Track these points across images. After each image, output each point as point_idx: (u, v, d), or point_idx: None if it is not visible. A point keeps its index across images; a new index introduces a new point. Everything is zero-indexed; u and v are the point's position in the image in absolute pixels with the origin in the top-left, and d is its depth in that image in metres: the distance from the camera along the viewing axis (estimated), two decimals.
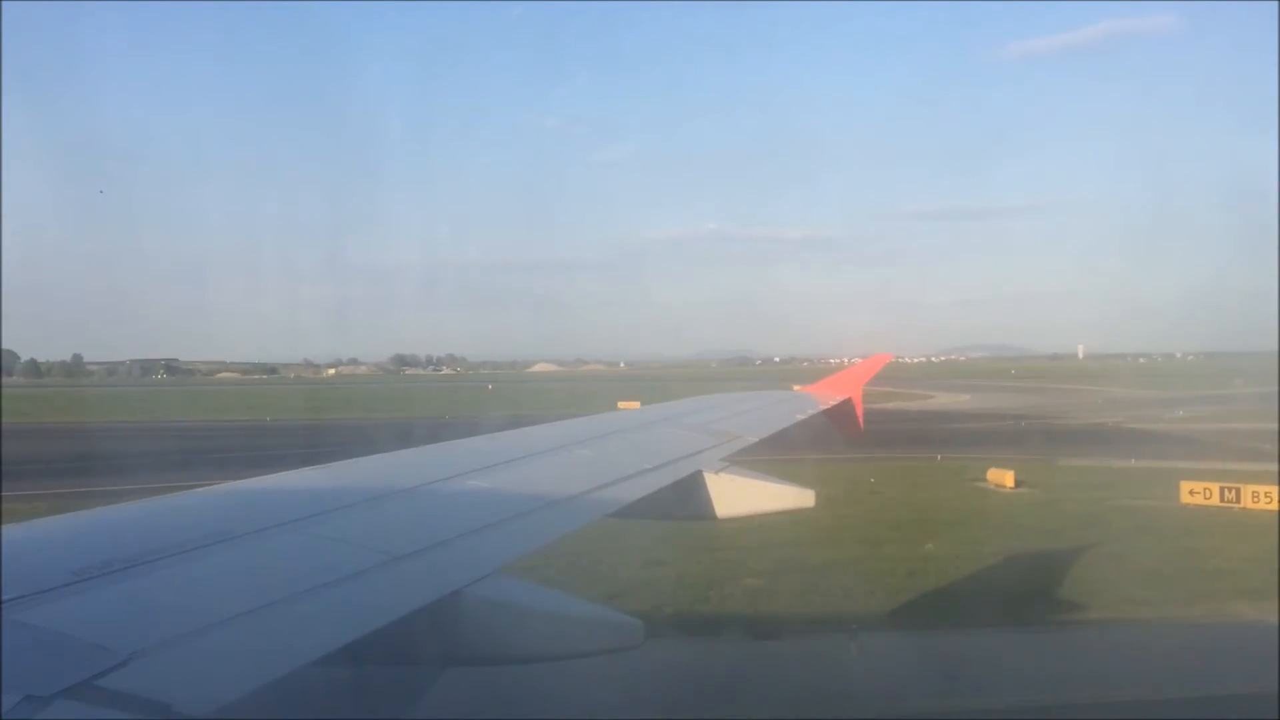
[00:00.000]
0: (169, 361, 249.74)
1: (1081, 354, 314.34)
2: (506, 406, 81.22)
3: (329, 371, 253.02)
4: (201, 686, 2.86)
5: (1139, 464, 41.46)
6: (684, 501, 6.76)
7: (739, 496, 6.90)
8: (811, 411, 12.08)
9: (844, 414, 13.30)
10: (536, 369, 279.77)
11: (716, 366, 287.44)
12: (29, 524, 4.18)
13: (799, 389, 14.51)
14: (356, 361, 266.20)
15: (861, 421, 13.78)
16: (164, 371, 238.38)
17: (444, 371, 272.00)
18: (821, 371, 17.92)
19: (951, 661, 16.60)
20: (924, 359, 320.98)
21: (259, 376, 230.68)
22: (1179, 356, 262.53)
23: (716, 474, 6.97)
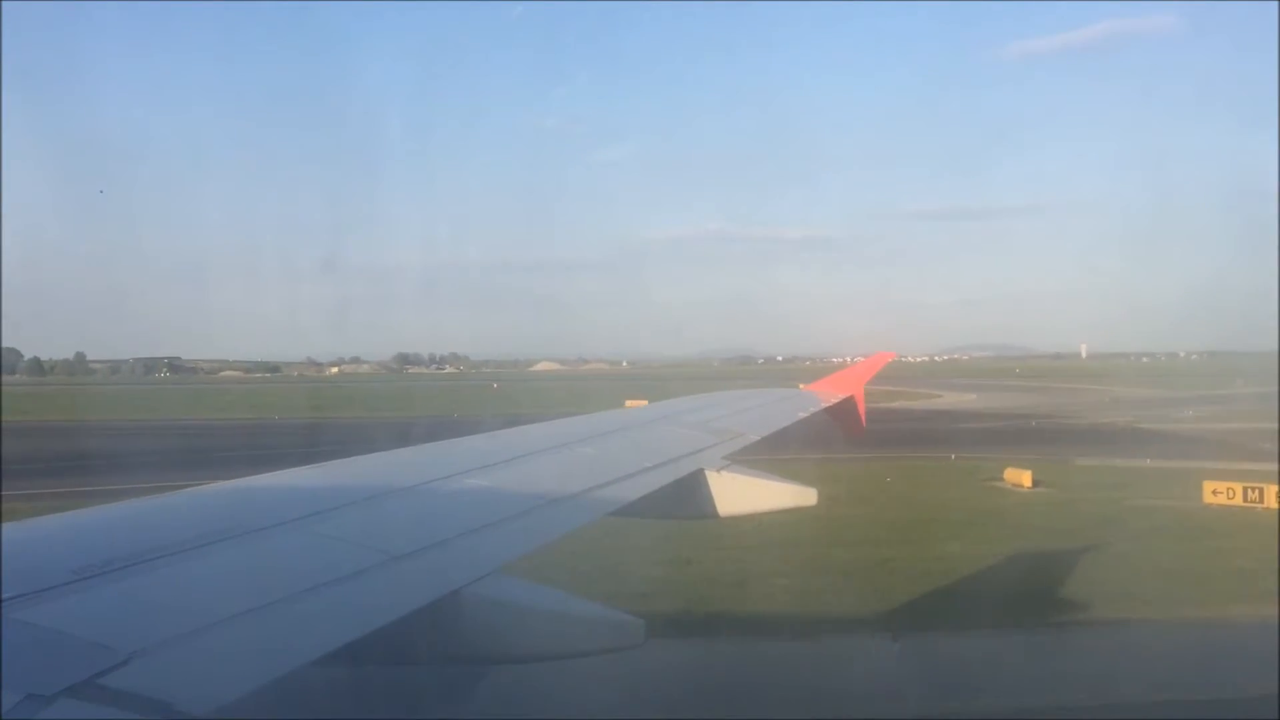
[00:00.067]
0: (172, 360, 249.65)
1: (1084, 353, 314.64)
2: (513, 405, 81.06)
3: (332, 370, 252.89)
4: (202, 685, 2.84)
5: (1155, 464, 41.39)
6: (686, 500, 6.75)
7: (741, 495, 6.89)
8: (814, 409, 12.03)
9: (846, 412, 13.28)
10: (539, 368, 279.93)
11: (719, 365, 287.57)
12: (30, 522, 4.14)
13: (804, 388, 14.42)
14: (359, 360, 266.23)
15: (864, 420, 13.70)
16: (167, 370, 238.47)
17: (447, 370, 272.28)
18: (824, 370, 17.89)
19: (993, 661, 16.50)
20: (926, 358, 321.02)
21: (262, 375, 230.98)
22: (1182, 356, 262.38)
23: (718, 472, 6.95)
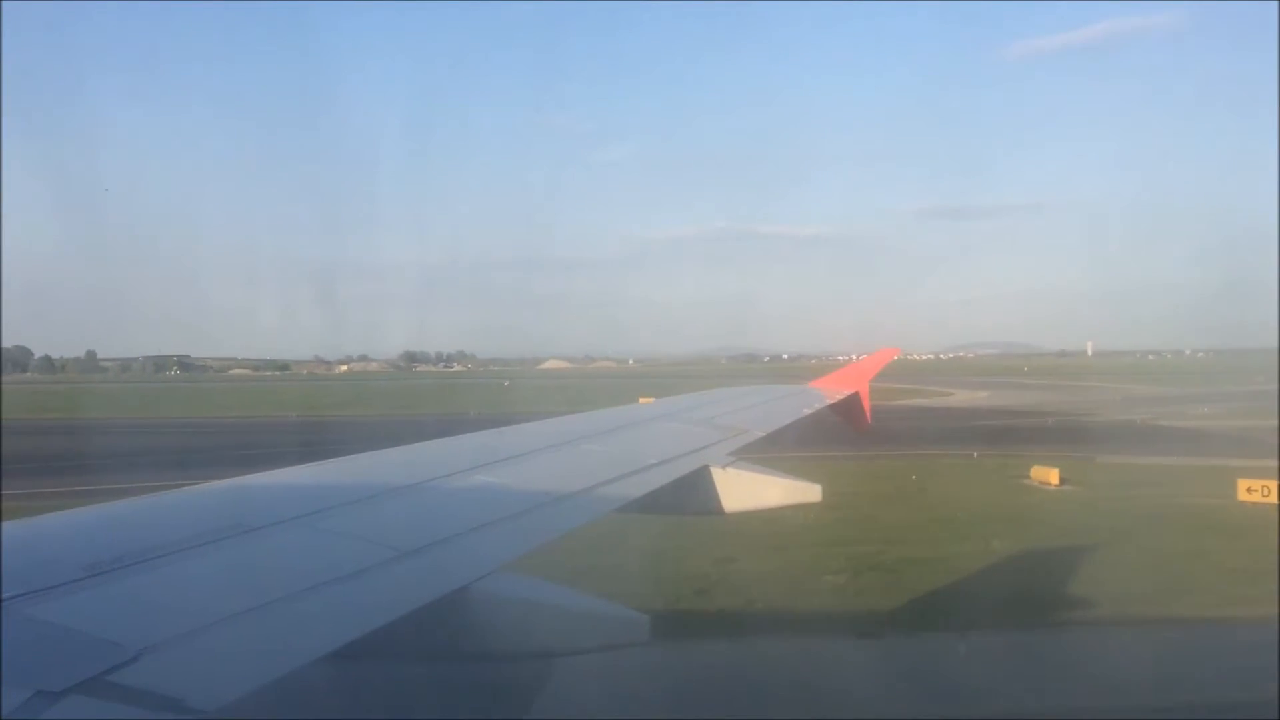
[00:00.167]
0: (181, 358, 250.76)
1: (1090, 351, 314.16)
2: (526, 403, 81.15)
3: (341, 368, 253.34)
4: (212, 682, 2.84)
5: (1180, 461, 41.38)
6: (691, 496, 6.84)
7: (746, 491, 6.98)
8: (819, 406, 12.06)
9: (851, 408, 13.34)
10: (547, 366, 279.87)
11: (725, 364, 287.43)
12: (42, 518, 4.19)
13: (810, 384, 14.50)
14: (367, 358, 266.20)
15: (869, 416, 13.71)
16: (177, 368, 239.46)
17: (455, 368, 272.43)
18: (829, 368, 17.91)
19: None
20: (931, 356, 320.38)
21: (271, 373, 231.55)
22: (1188, 354, 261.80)
23: (723, 469, 7.06)
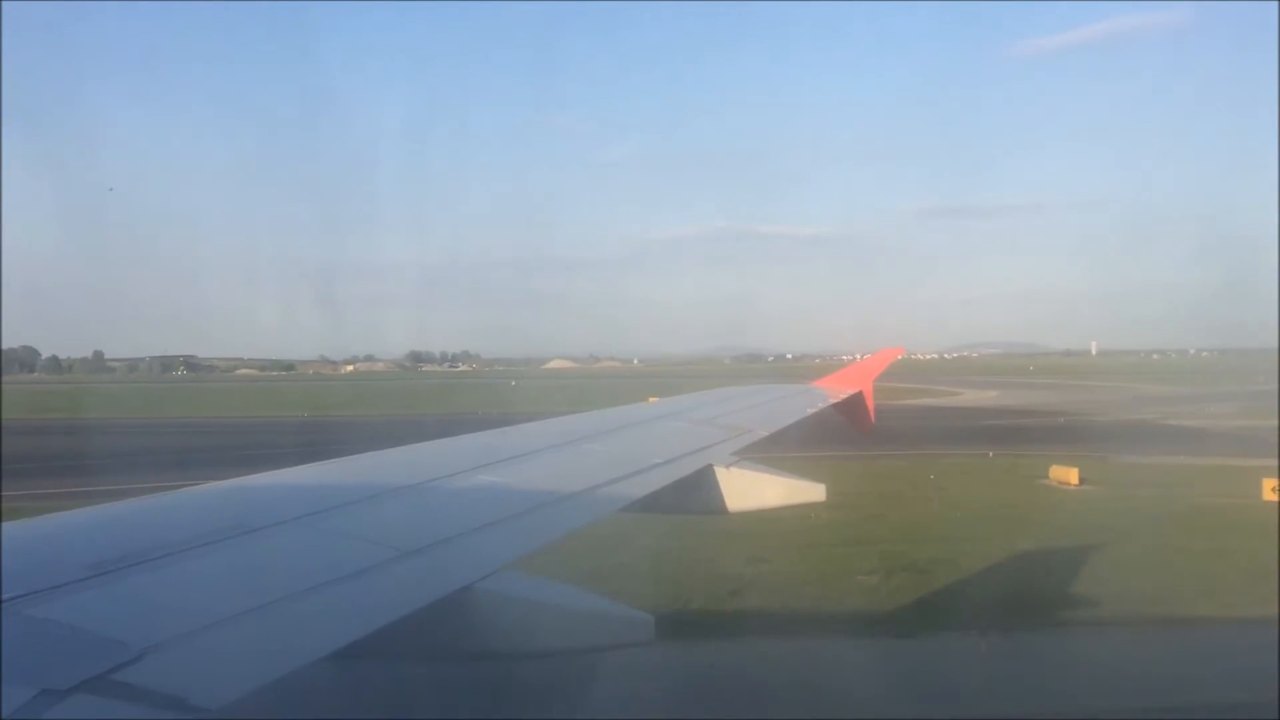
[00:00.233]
0: (188, 358, 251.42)
1: (1095, 351, 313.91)
2: (534, 402, 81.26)
3: (347, 368, 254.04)
4: (216, 680, 2.86)
5: (1197, 460, 41.31)
6: (695, 496, 6.87)
7: (750, 490, 7.01)
8: (822, 405, 12.06)
9: (855, 407, 13.35)
10: (552, 365, 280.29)
11: (730, 363, 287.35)
12: (46, 518, 4.20)
13: (815, 384, 14.51)
14: (372, 358, 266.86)
15: (873, 415, 13.69)
16: (183, 368, 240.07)
17: (460, 368, 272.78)
18: (833, 368, 17.93)
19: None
20: (935, 356, 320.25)
21: (277, 373, 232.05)
22: (1192, 353, 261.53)
23: (727, 468, 7.09)
